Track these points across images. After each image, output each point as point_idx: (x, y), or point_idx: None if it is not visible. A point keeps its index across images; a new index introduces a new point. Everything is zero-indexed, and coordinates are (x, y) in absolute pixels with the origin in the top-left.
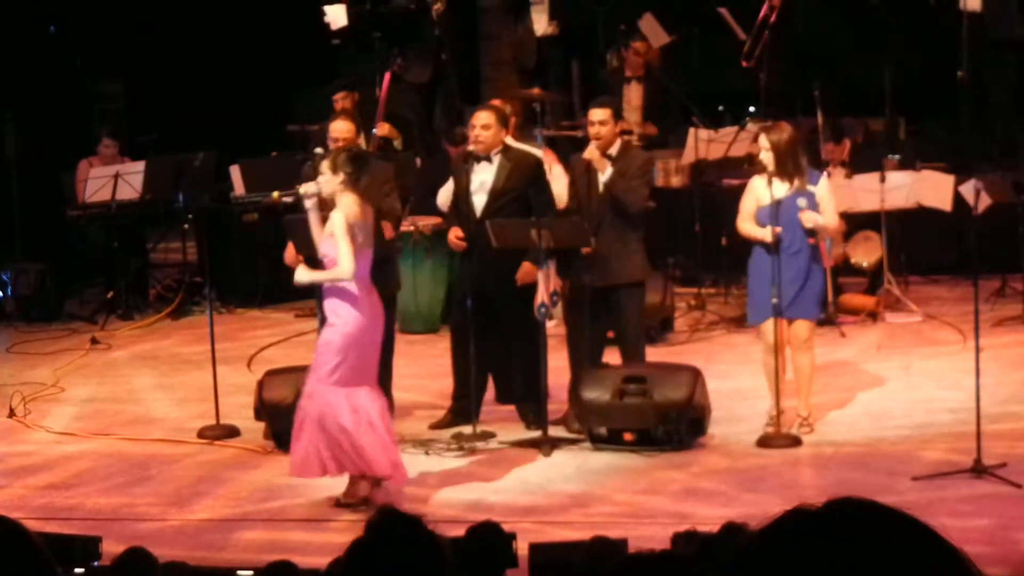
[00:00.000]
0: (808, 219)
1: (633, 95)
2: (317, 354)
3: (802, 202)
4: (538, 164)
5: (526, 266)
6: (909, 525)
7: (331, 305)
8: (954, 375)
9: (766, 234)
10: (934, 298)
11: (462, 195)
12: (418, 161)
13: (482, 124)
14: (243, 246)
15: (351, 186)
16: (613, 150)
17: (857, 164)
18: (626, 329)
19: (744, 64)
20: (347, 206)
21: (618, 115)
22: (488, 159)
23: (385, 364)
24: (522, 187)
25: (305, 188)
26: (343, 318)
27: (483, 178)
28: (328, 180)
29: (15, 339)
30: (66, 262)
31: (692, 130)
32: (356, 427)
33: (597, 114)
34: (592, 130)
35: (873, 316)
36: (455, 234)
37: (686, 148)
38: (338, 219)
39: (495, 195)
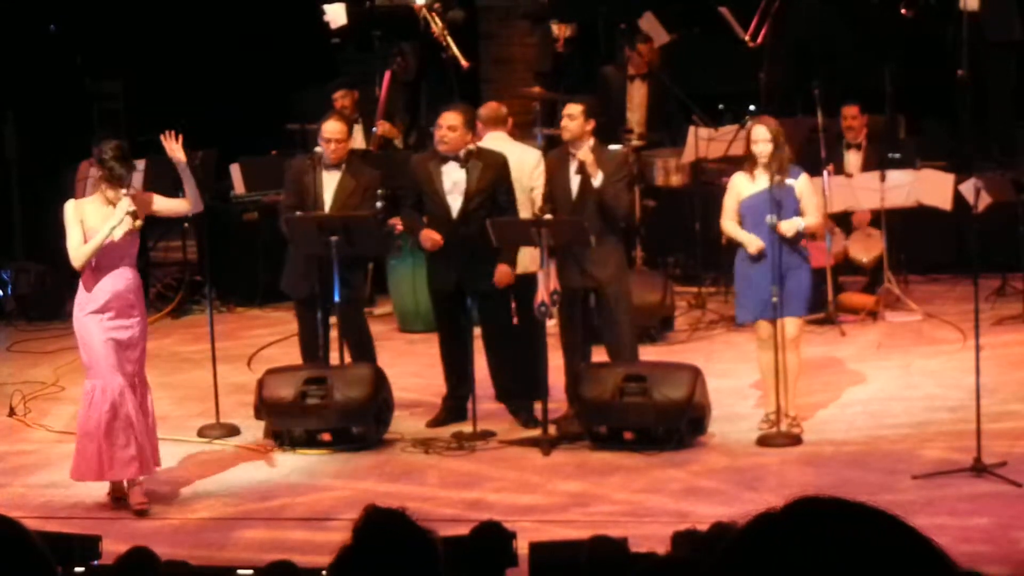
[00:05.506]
0: (788, 228)
1: (636, 94)
2: (132, 348)
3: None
4: (504, 164)
5: (502, 267)
6: (876, 518)
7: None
8: (954, 374)
9: (748, 239)
10: (934, 297)
11: (433, 195)
12: None
13: (448, 125)
14: (243, 245)
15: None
16: (584, 149)
17: (872, 158)
18: (612, 328)
19: (749, 44)
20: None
21: (591, 114)
22: (457, 159)
23: (372, 362)
24: (492, 187)
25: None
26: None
27: (455, 178)
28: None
29: (15, 338)
30: (66, 261)
31: (692, 129)
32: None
33: (566, 108)
34: (562, 123)
35: (873, 315)
36: (431, 234)
37: (686, 147)
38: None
39: (469, 196)
